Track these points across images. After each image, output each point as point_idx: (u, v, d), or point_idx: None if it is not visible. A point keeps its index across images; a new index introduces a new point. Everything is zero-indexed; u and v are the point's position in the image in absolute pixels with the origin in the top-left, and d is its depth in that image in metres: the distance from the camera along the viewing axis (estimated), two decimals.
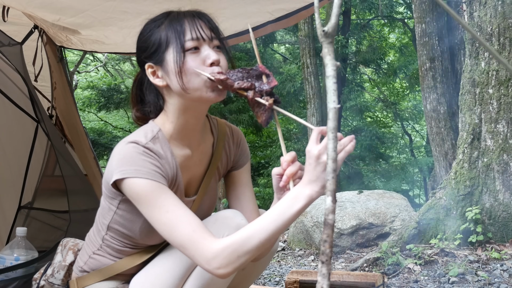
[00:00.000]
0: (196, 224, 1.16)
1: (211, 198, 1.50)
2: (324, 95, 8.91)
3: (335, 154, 1.17)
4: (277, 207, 1.14)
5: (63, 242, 1.59)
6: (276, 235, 1.14)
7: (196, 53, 1.27)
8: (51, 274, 1.50)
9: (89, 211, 2.57)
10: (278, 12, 2.27)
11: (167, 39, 1.28)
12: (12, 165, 2.76)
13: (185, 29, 1.28)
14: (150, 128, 1.32)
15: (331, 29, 1.23)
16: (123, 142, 1.27)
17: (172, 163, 1.31)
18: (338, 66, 1.21)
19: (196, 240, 1.14)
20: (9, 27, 2.47)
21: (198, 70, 1.25)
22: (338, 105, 1.18)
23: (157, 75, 1.31)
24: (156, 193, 1.19)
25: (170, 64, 1.27)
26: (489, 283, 2.66)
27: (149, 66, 1.31)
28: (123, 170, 1.20)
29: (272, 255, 1.54)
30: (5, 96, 2.68)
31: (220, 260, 1.12)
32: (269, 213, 1.15)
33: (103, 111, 11.43)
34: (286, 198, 1.14)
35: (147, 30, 1.34)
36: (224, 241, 1.13)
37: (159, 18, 1.33)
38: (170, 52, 1.27)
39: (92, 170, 2.76)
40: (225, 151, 1.51)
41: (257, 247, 1.13)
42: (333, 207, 1.11)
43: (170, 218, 1.17)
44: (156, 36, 1.30)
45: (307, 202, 1.12)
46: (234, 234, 1.14)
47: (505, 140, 3.26)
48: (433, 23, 6.10)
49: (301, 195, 1.12)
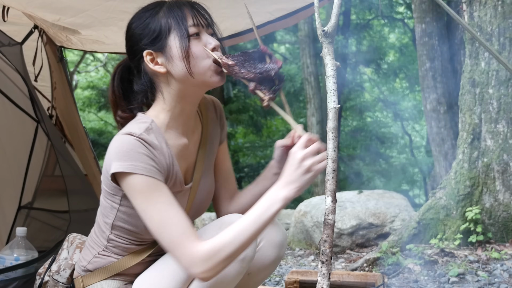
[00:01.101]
0: (186, 226, 1.20)
1: (209, 183, 1.49)
2: (324, 95, 8.90)
3: (335, 154, 1.18)
4: (255, 210, 1.19)
5: (70, 238, 1.57)
6: (255, 237, 1.20)
7: (197, 39, 1.30)
8: (56, 271, 1.48)
9: (89, 211, 2.57)
10: (278, 12, 2.27)
11: (168, 25, 1.29)
12: (12, 165, 2.76)
13: (187, 15, 1.30)
14: (143, 120, 1.32)
15: (331, 29, 1.23)
16: (118, 134, 1.27)
17: (167, 154, 1.31)
18: (338, 66, 1.22)
19: (183, 243, 1.18)
20: (9, 27, 2.47)
21: (208, 51, 1.28)
22: (338, 105, 1.18)
23: (156, 61, 1.32)
24: (151, 190, 1.21)
25: (173, 49, 1.28)
26: (489, 283, 2.66)
27: (148, 53, 1.32)
28: (120, 164, 1.21)
29: (279, 260, 1.52)
30: (5, 96, 2.68)
31: (203, 265, 1.17)
32: (248, 216, 1.20)
33: (103, 111, 11.44)
34: (264, 200, 1.19)
35: (143, 18, 1.33)
36: (207, 246, 1.17)
37: (153, 7, 1.34)
38: (172, 38, 1.29)
39: (92, 170, 2.76)
40: (213, 127, 1.51)
41: (238, 251, 1.19)
42: (333, 207, 1.12)
43: (162, 217, 1.19)
44: (155, 23, 1.31)
45: (284, 204, 1.18)
46: (217, 238, 1.18)
47: (505, 140, 3.26)
48: (433, 23, 6.09)
49: (278, 197, 1.18)
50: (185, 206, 1.39)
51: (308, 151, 1.19)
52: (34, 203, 2.74)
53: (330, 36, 1.20)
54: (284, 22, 2.33)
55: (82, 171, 2.78)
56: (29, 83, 2.55)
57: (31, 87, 2.56)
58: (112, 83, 1.43)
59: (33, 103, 2.58)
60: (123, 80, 1.42)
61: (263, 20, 2.33)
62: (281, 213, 5.46)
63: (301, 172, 1.18)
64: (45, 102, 2.81)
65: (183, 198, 1.39)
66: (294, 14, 2.27)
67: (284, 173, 1.21)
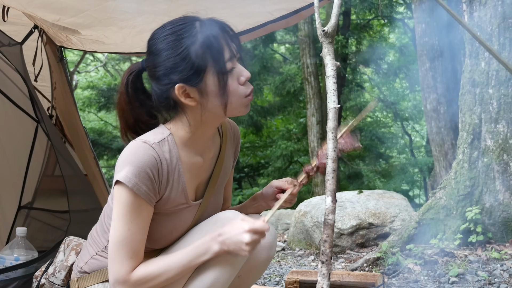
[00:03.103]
0: (137, 251, 1.26)
1: (218, 201, 1.51)
2: (324, 95, 8.90)
3: (335, 154, 1.17)
4: (189, 253, 1.27)
5: (66, 241, 1.58)
6: (180, 276, 1.28)
7: (232, 72, 1.27)
8: (52, 273, 1.49)
9: (89, 211, 2.58)
10: (278, 12, 2.27)
11: (207, 61, 1.22)
12: (12, 165, 2.76)
13: (223, 48, 1.24)
14: (161, 131, 1.32)
15: (331, 29, 1.23)
16: (135, 140, 1.28)
17: (175, 169, 1.31)
18: (338, 66, 1.22)
19: (124, 263, 1.24)
20: (9, 27, 2.47)
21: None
22: (338, 105, 1.18)
23: (187, 94, 1.26)
24: (134, 208, 1.24)
25: (210, 87, 1.25)
26: (489, 283, 2.66)
27: (180, 87, 1.25)
28: (126, 176, 1.23)
29: (269, 261, 1.54)
30: (5, 96, 2.68)
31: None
32: (181, 256, 1.27)
33: (103, 111, 11.43)
34: (199, 246, 1.27)
35: (178, 48, 1.23)
36: (139, 274, 1.25)
37: (186, 32, 1.24)
38: (210, 75, 1.24)
39: (92, 170, 2.76)
40: (229, 148, 1.52)
41: (162, 284, 1.27)
42: (333, 207, 1.12)
43: (125, 234, 1.24)
44: (191, 57, 1.22)
45: (213, 256, 1.27)
46: (148, 269, 1.26)
47: (505, 140, 3.26)
48: (433, 23, 6.09)
49: (212, 249, 1.26)
50: (191, 221, 1.40)
51: (254, 227, 1.23)
52: (34, 203, 2.74)
53: (330, 36, 1.20)
54: (284, 22, 2.33)
55: (82, 171, 2.78)
56: (29, 83, 2.55)
57: (31, 87, 2.56)
58: (125, 92, 1.34)
59: (33, 103, 2.58)
60: (137, 89, 1.35)
61: (263, 20, 2.33)
62: (281, 213, 5.46)
63: (237, 240, 1.23)
64: (45, 102, 2.81)
65: (190, 213, 1.39)
66: (294, 14, 2.27)
67: (225, 230, 1.26)
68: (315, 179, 8.60)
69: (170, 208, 1.34)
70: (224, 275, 1.31)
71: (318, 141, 8.73)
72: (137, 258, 1.26)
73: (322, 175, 1.18)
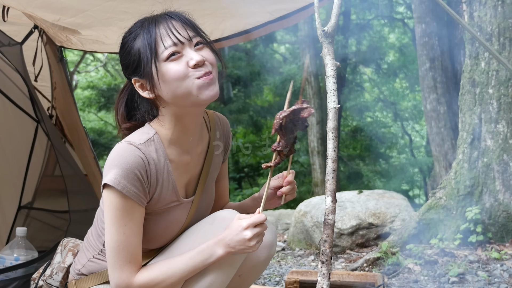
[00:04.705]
0: (135, 255, 1.26)
1: (210, 197, 1.51)
2: (324, 95, 8.90)
3: (335, 154, 1.17)
4: (193, 258, 1.28)
5: (63, 242, 1.58)
6: (184, 280, 1.29)
7: (179, 58, 1.26)
8: (49, 275, 1.50)
9: (89, 211, 2.58)
10: (278, 12, 2.27)
11: (144, 52, 1.27)
12: (12, 165, 2.76)
13: (158, 37, 1.26)
14: (146, 131, 1.33)
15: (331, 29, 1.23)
16: (120, 143, 1.29)
17: (164, 168, 1.32)
18: (338, 66, 1.21)
19: (124, 268, 1.25)
20: (9, 27, 2.47)
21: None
22: (338, 105, 1.18)
23: (145, 88, 1.30)
24: (126, 211, 1.24)
25: (154, 74, 1.26)
26: (489, 283, 2.66)
27: (135, 81, 1.31)
28: (114, 178, 1.23)
29: (269, 260, 1.54)
30: (5, 96, 2.68)
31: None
32: (186, 262, 1.28)
33: (103, 111, 11.43)
34: (203, 251, 1.28)
35: (126, 44, 1.32)
36: (142, 279, 1.25)
37: (135, 29, 1.31)
38: (152, 64, 1.26)
39: (92, 170, 2.76)
40: (219, 142, 1.53)
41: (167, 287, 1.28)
42: (333, 207, 1.12)
43: (121, 239, 1.24)
44: (134, 50, 1.29)
45: (217, 260, 1.28)
46: (152, 274, 1.27)
47: (505, 140, 3.26)
48: (433, 23, 6.09)
49: (215, 254, 1.28)
50: (185, 218, 1.40)
51: (252, 221, 1.25)
52: (34, 203, 2.74)
53: (330, 36, 1.20)
54: (284, 22, 2.33)
55: (82, 171, 2.78)
56: (29, 83, 2.55)
57: (31, 87, 2.56)
58: (119, 101, 1.42)
59: (33, 103, 2.58)
60: (133, 97, 1.42)
61: (263, 20, 2.33)
62: (281, 213, 5.46)
63: (239, 241, 1.25)
64: (45, 102, 2.81)
65: (183, 211, 1.40)
66: (294, 14, 2.28)
67: (226, 234, 1.27)
68: (315, 179, 8.60)
69: (161, 207, 1.34)
70: (223, 275, 1.32)
71: (318, 141, 8.73)
72: (136, 261, 1.27)
73: (323, 175, 1.18)
